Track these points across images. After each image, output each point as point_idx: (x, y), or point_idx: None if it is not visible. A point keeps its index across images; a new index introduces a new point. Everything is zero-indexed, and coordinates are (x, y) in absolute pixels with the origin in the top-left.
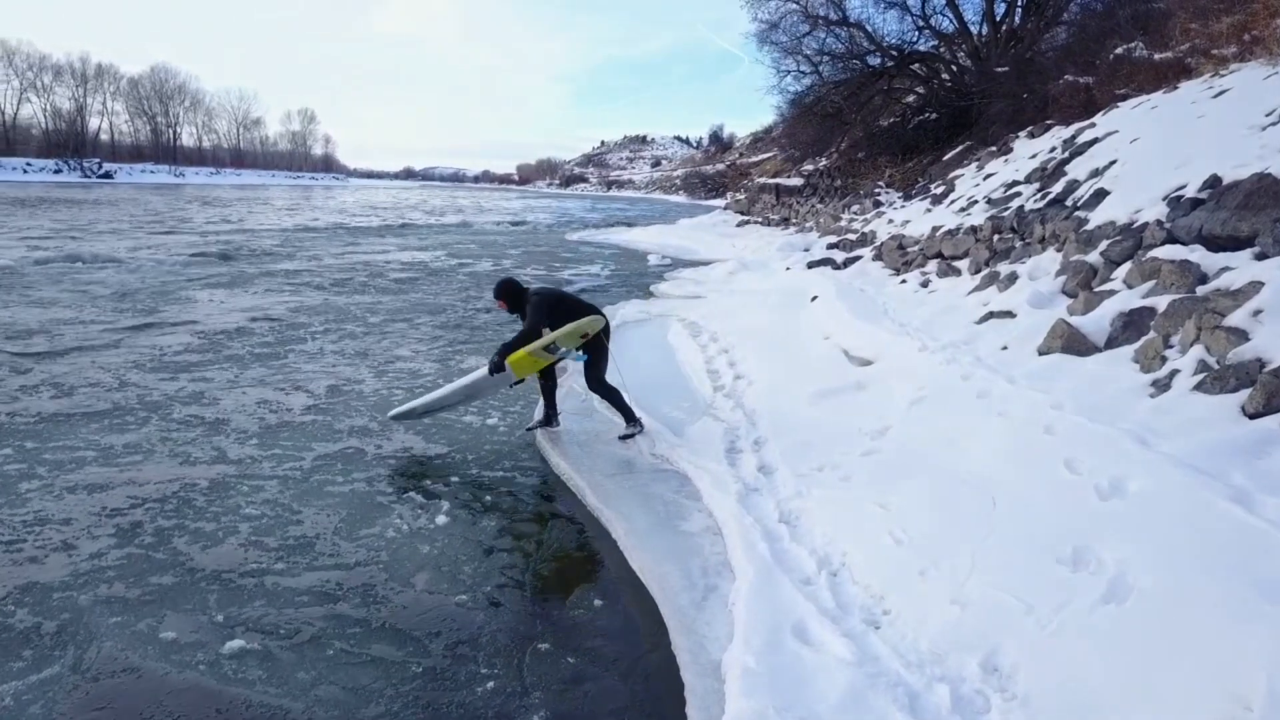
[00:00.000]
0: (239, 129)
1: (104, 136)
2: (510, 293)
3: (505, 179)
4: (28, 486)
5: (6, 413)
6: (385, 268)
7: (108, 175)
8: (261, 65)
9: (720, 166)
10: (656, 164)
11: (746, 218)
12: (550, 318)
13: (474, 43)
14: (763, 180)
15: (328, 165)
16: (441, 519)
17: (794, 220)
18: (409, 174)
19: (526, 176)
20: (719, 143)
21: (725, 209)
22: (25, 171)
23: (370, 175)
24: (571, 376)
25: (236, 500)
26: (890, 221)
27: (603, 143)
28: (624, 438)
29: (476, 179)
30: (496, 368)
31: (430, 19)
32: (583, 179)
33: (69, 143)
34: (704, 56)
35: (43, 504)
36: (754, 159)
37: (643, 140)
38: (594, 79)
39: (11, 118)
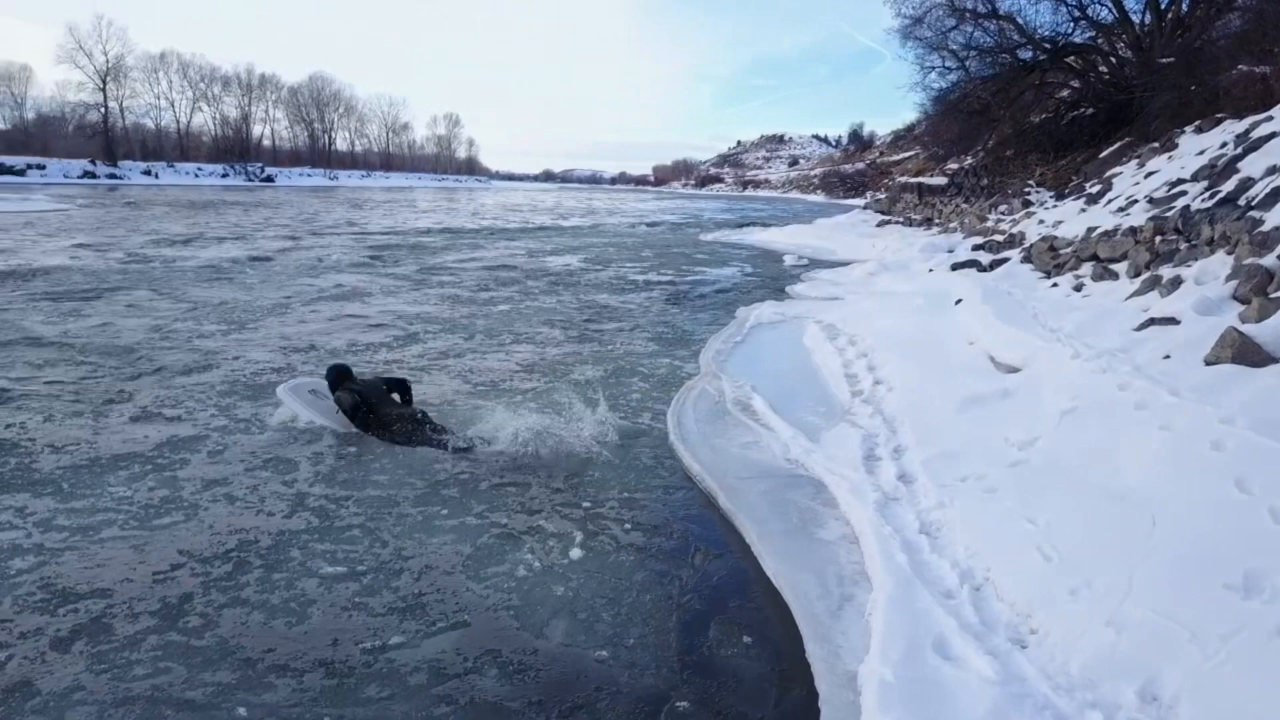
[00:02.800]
0: (388, 133)
1: (266, 142)
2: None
3: (641, 180)
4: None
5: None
6: (510, 270)
7: (269, 179)
8: (410, 71)
9: (860, 165)
10: (794, 163)
11: (887, 218)
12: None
13: (615, 45)
14: (904, 179)
15: (471, 168)
16: (576, 552)
17: (937, 220)
18: (548, 176)
19: (662, 177)
20: (858, 141)
21: (864, 209)
22: (196, 176)
23: (511, 177)
24: (704, 379)
25: (326, 546)
26: (1041, 222)
27: (739, 142)
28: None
29: (613, 180)
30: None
31: (573, 24)
32: (718, 179)
33: (235, 148)
34: (844, 54)
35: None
36: (895, 157)
37: (780, 139)
38: (731, 79)
39: (185, 125)
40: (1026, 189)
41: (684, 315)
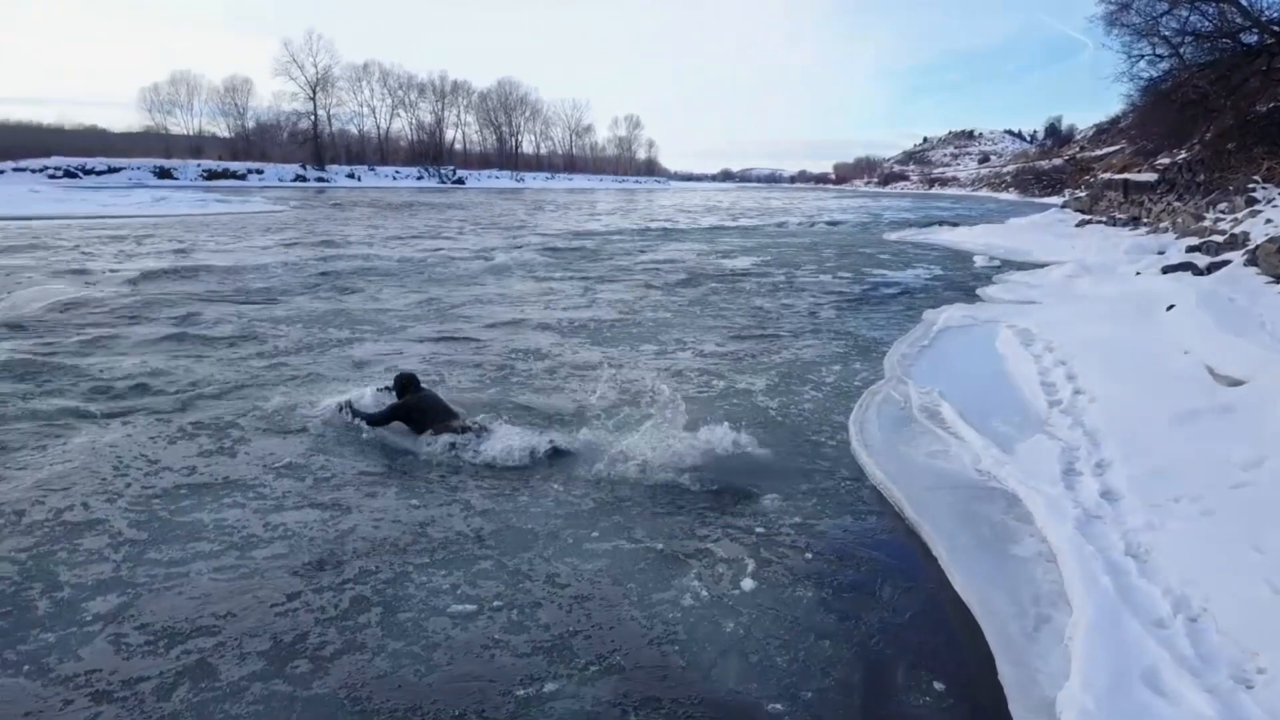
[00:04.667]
0: (571, 136)
1: (457, 146)
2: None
3: (821, 179)
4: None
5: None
6: (677, 272)
7: (460, 181)
8: (592, 73)
9: (1057, 161)
10: (984, 160)
11: (1088, 217)
12: None
13: (796, 42)
14: (1108, 175)
15: (650, 169)
16: (748, 583)
17: (1145, 220)
18: (726, 176)
19: (843, 176)
20: (1056, 136)
21: (1063, 207)
22: (394, 178)
23: (689, 178)
24: (889, 384)
25: (454, 579)
26: (1269, 221)
27: (925, 139)
28: None
29: (792, 179)
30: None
31: (756, 22)
32: (902, 177)
33: (429, 152)
34: (1041, 43)
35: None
36: (1097, 152)
37: (969, 135)
38: (918, 74)
39: (385, 131)
40: (1251, 185)
41: (864, 319)
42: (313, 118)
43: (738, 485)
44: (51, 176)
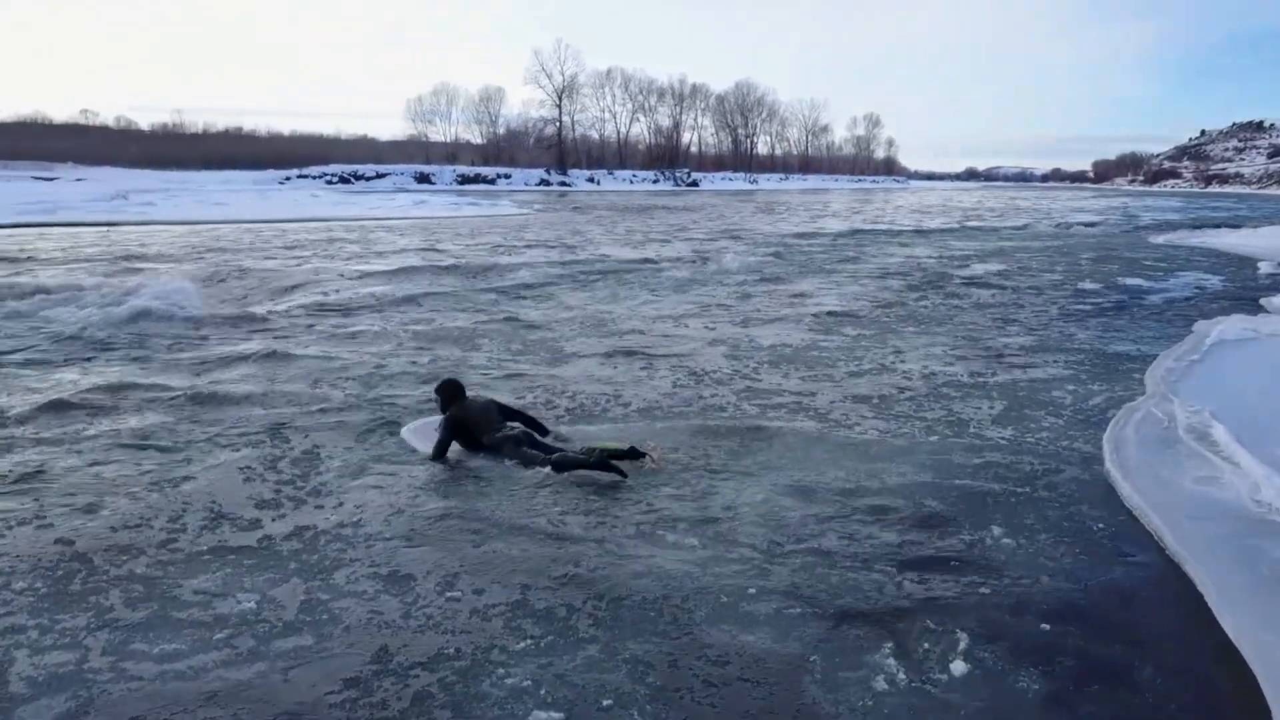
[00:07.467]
0: (808, 136)
1: (692, 149)
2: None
3: (1078, 177)
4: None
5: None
6: (904, 277)
7: (694, 183)
8: (831, 71)
9: None
10: (1275, 154)
11: None
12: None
13: (1051, 32)
14: None
15: (889, 168)
16: (959, 666)
17: None
18: (970, 175)
19: (1103, 173)
20: None
21: None
22: (631, 182)
23: (930, 177)
24: (1150, 401)
25: (551, 658)
26: None
27: (1202, 132)
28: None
29: (1044, 178)
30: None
31: (1006, 11)
32: (1173, 174)
33: (665, 155)
34: None
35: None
36: None
37: (1258, 126)
38: (1194, 61)
39: (624, 135)
40: None
41: (1119, 332)
42: (557, 123)
43: (953, 527)
44: (329, 182)
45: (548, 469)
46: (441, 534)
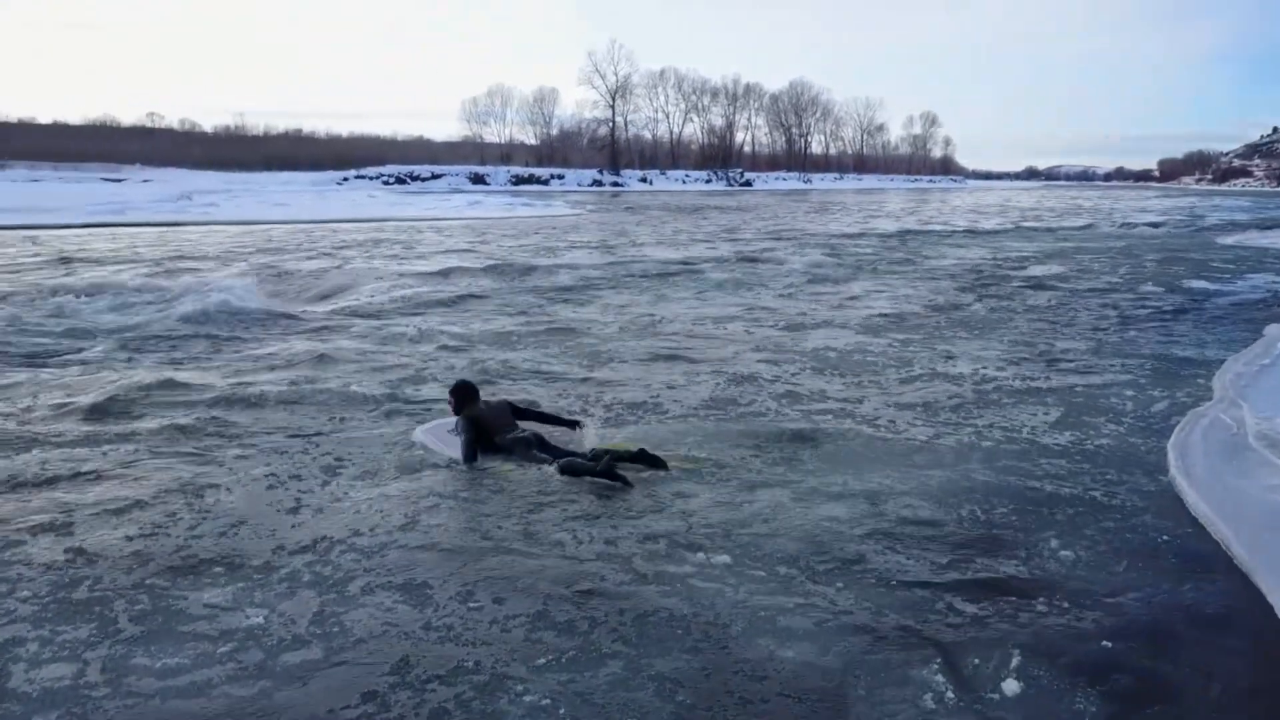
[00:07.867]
0: (863, 135)
1: (745, 149)
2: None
3: (1143, 175)
4: None
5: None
6: (955, 280)
7: (747, 183)
8: (887, 70)
9: None
10: None
11: None
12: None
13: (1116, 27)
14: None
15: (946, 168)
16: (1012, 685)
17: None
18: (1030, 174)
19: (1169, 172)
20: None
21: None
22: (683, 182)
23: (988, 176)
24: (1218, 406)
25: (589, 678)
26: None
27: (1275, 129)
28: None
29: (1107, 177)
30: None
31: (1066, 9)
32: (1244, 173)
33: (718, 155)
34: None
35: None
36: None
37: None
38: (1268, 55)
39: (677, 135)
40: None
41: (1184, 336)
42: (611, 124)
43: (1006, 538)
44: (385, 183)
45: (555, 473)
46: (460, 544)
